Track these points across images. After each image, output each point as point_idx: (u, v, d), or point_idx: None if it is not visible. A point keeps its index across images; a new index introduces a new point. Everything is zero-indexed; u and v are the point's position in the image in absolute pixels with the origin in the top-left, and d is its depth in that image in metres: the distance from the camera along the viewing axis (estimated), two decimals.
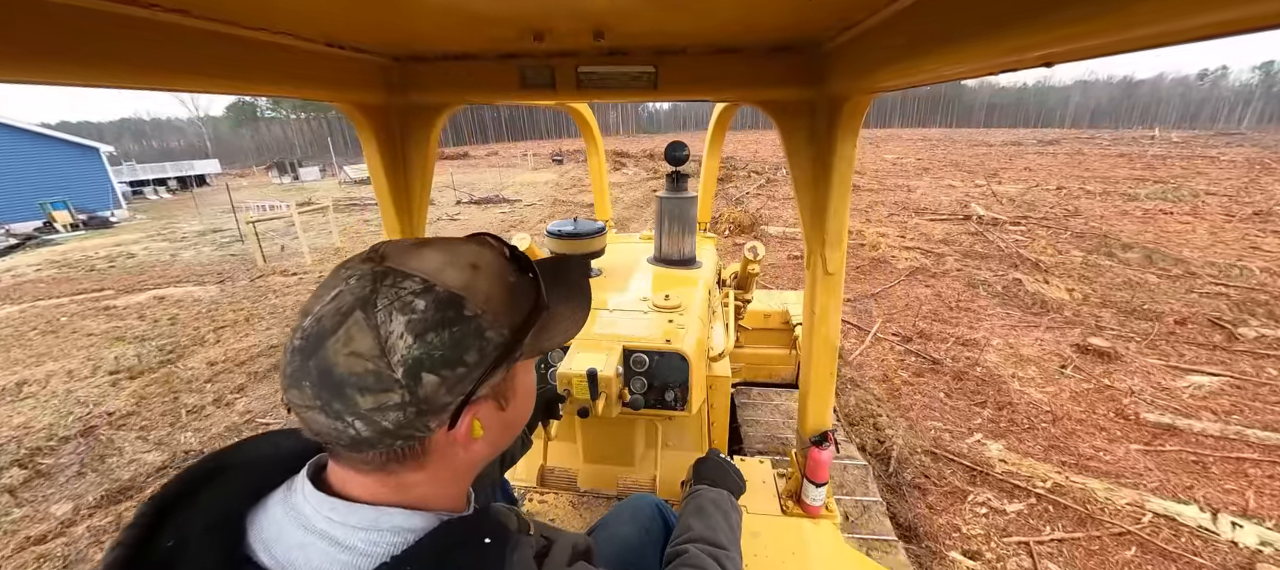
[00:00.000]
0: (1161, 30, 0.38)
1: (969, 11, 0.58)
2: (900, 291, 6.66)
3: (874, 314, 5.89)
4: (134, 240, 13.63)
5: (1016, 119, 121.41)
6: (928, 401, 4.01)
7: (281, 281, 8.43)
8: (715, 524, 0.99)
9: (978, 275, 7.22)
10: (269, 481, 0.54)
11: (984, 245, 8.96)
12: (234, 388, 4.77)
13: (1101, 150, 30.31)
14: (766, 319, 3.46)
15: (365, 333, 0.45)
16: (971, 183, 17.12)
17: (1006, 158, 26.61)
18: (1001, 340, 5.13)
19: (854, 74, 0.99)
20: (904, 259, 8.17)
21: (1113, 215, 11.43)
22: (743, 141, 46.98)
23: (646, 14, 0.89)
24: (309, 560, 0.47)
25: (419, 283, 0.48)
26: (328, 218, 11.58)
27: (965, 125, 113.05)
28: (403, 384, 0.46)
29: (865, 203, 13.68)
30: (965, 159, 26.32)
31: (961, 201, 13.52)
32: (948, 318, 5.78)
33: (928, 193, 15.05)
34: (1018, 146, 35.26)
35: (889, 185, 16.83)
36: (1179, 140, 40.83)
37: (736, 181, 18.11)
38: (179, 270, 9.82)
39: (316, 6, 0.81)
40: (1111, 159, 24.87)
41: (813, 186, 1.25)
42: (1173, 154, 26.75)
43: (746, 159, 26.23)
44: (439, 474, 0.54)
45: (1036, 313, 5.88)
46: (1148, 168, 20.79)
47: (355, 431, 0.46)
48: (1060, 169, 21.02)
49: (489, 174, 27.95)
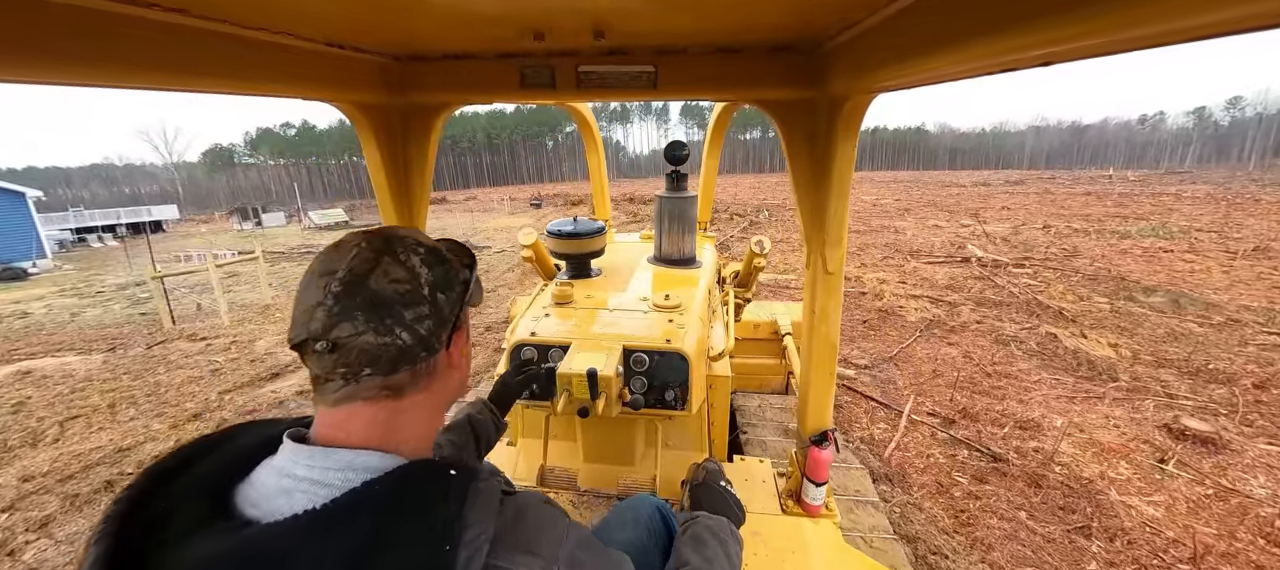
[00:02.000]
0: (1161, 30, 0.38)
1: (969, 12, 0.58)
2: (922, 352, 5.65)
3: (900, 385, 4.83)
4: (39, 296, 11.93)
5: (978, 161, 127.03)
6: (1009, 529, 2.90)
7: (183, 350, 7.01)
8: (714, 556, 0.94)
9: (1002, 329, 6.29)
10: (252, 456, 0.58)
11: (995, 291, 8.13)
12: (36, 521, 3.37)
13: (1066, 189, 30.98)
14: (756, 329, 3.50)
15: (397, 265, 0.59)
16: (957, 222, 16.73)
17: (980, 197, 26.80)
18: (1066, 420, 4.11)
19: (854, 74, 0.99)
20: (913, 309, 7.24)
21: (1113, 254, 10.88)
22: (722, 185, 47.23)
23: (646, 14, 0.90)
24: (291, 503, 0.51)
25: (413, 241, 0.63)
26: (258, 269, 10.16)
27: (931, 167, 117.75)
28: (427, 298, 0.60)
29: (856, 244, 12.96)
30: (941, 199, 26.39)
31: (954, 242, 12.92)
32: (988, 388, 4.76)
33: (917, 234, 14.48)
34: (986, 186, 35.98)
35: (875, 226, 16.29)
36: (1135, 178, 42.58)
37: (718, 224, 17.40)
38: (69, 334, 8.28)
39: (316, 6, 0.82)
40: (1079, 197, 25.22)
41: (813, 186, 1.25)
42: (1135, 192, 27.38)
43: (726, 201, 25.81)
44: (430, 401, 0.64)
45: (1089, 377, 4.92)
46: (1119, 205, 20.94)
47: (402, 341, 0.57)
48: (1036, 207, 21.01)
49: (463, 219, 26.87)
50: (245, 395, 5.26)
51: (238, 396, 5.23)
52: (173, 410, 5.02)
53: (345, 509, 0.49)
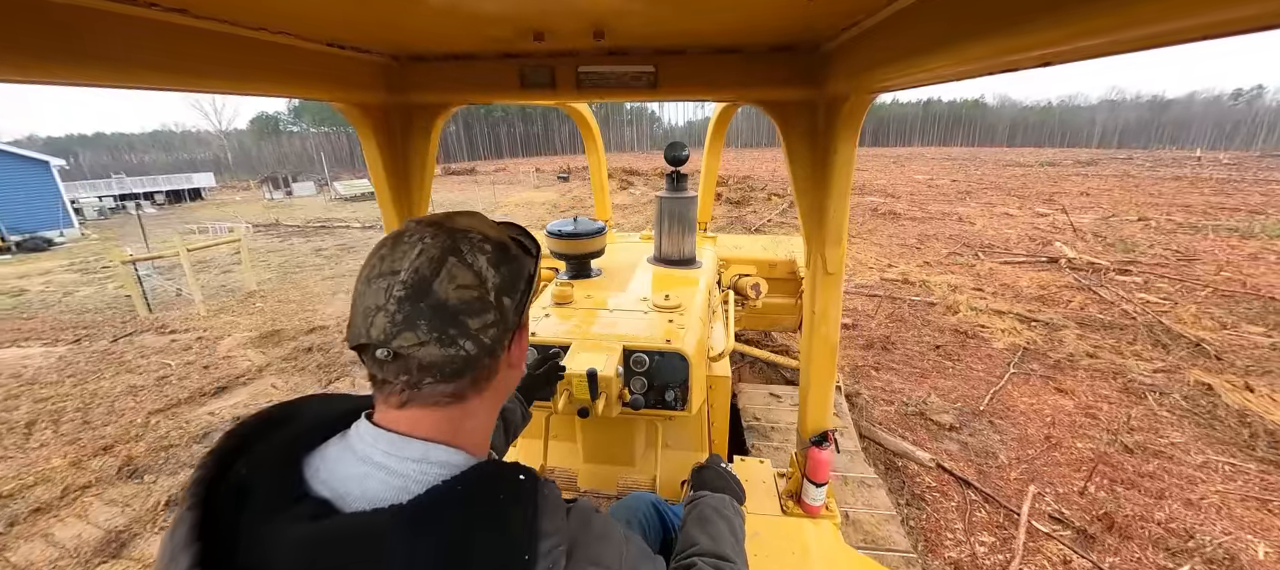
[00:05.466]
0: (1161, 30, 0.38)
1: (969, 12, 0.59)
2: (1022, 403, 4.26)
3: (1001, 460, 3.51)
4: (46, 271, 11.73)
5: (1041, 137, 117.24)
6: None
7: (148, 344, 6.30)
8: (719, 533, 0.97)
9: (1128, 369, 4.78)
10: (323, 430, 0.59)
11: (1100, 307, 6.52)
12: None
13: (1149, 172, 27.55)
14: (773, 268, 3.57)
15: (464, 270, 0.55)
16: (1031, 210, 14.60)
17: (1050, 180, 23.94)
18: (1267, 544, 2.73)
19: (854, 74, 0.99)
20: (999, 330, 5.77)
21: (1240, 260, 8.87)
22: (758, 158, 44.55)
23: (646, 14, 0.90)
24: (364, 488, 0.52)
25: (479, 235, 0.59)
26: (240, 253, 9.37)
27: (989, 143, 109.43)
28: (494, 305, 0.57)
29: (913, 235, 11.26)
30: (1005, 181, 23.71)
31: (1033, 235, 11.05)
32: (1132, 473, 3.37)
33: (986, 224, 12.57)
34: (1054, 167, 32.48)
35: (934, 213, 14.35)
36: (1228, 161, 37.76)
37: (754, 205, 15.82)
38: (49, 318, 7.79)
39: (317, 6, 0.82)
40: (1169, 182, 22.15)
41: (813, 186, 1.26)
42: (1234, 177, 23.89)
43: (764, 178, 23.92)
44: (490, 402, 0.62)
45: (1278, 461, 3.46)
46: (1221, 193, 18.06)
47: (466, 351, 0.55)
48: (1119, 193, 18.39)
49: (485, 192, 26.07)
50: (174, 420, 4.41)
51: (165, 421, 4.39)
52: (88, 435, 4.22)
53: (429, 509, 0.50)
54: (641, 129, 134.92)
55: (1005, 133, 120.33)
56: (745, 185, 20.33)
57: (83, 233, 17.36)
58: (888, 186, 21.38)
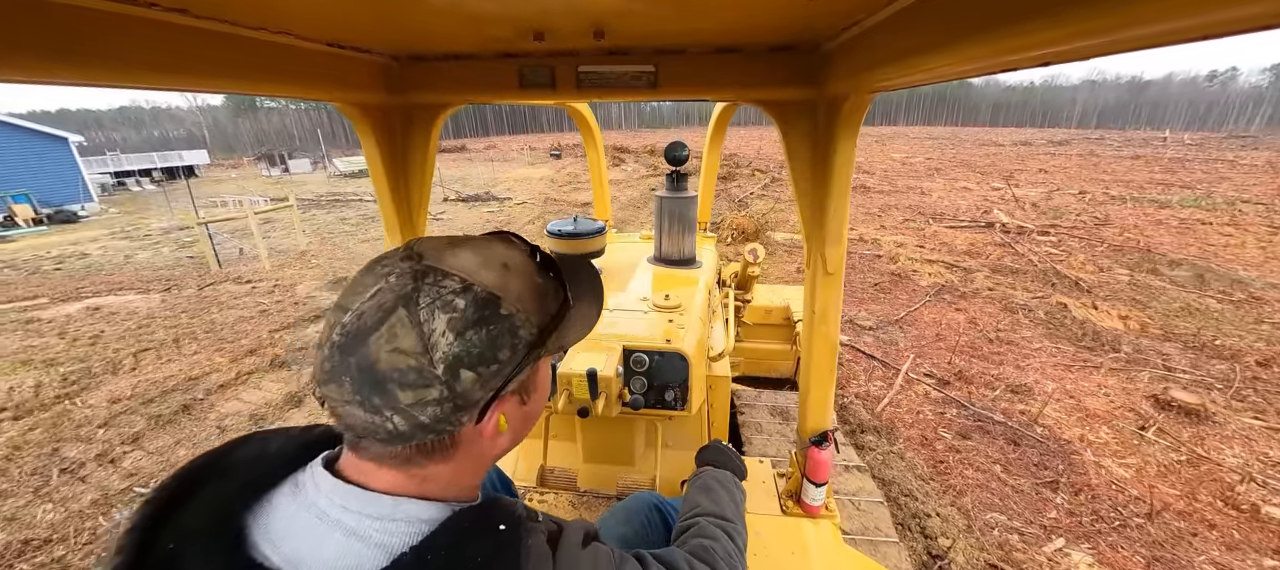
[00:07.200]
0: (1161, 30, 0.38)
1: (969, 11, 0.58)
2: (929, 317, 5.80)
3: (902, 346, 5.03)
4: (93, 238, 12.75)
5: (1023, 117, 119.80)
6: (982, 479, 3.17)
7: (231, 291, 7.58)
8: (721, 499, 1.00)
9: (1014, 297, 6.35)
10: (266, 480, 0.52)
11: (1014, 258, 8.09)
12: (129, 436, 3.92)
13: (1114, 152, 29.32)
14: (768, 314, 3.52)
15: (409, 330, 0.46)
16: (988, 185, 16.21)
17: (1018, 158, 25.64)
18: (1057, 386, 4.28)
19: (854, 74, 0.99)
20: (927, 274, 7.31)
21: (1147, 225, 10.54)
22: (746, 137, 45.81)
23: (646, 14, 0.89)
24: (321, 553, 0.46)
25: (458, 282, 0.49)
26: (292, 218, 10.64)
27: (971, 123, 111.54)
28: (442, 380, 0.47)
29: (877, 205, 12.80)
30: (976, 159, 25.35)
31: (981, 206, 12.63)
32: (988, 353, 4.92)
33: (943, 196, 14.15)
34: (1027, 146, 34.23)
35: (901, 187, 15.93)
36: (1192, 142, 39.84)
37: (739, 180, 17.21)
38: (127, 274, 8.96)
39: (317, 6, 0.81)
40: (1126, 161, 23.93)
41: (813, 186, 1.25)
42: (1188, 157, 25.77)
43: (749, 156, 25.27)
44: (462, 466, 0.55)
45: (1091, 347, 5.02)
46: (1168, 171, 19.84)
47: (392, 426, 0.47)
48: (1076, 171, 20.09)
49: (483, 169, 27.01)
50: (293, 334, 5.77)
51: (286, 335, 5.75)
52: (230, 345, 5.56)
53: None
54: (629, 106, 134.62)
55: (988, 111, 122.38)
56: (731, 162, 21.65)
57: (102, 207, 18.18)
58: (864, 164, 22.92)
